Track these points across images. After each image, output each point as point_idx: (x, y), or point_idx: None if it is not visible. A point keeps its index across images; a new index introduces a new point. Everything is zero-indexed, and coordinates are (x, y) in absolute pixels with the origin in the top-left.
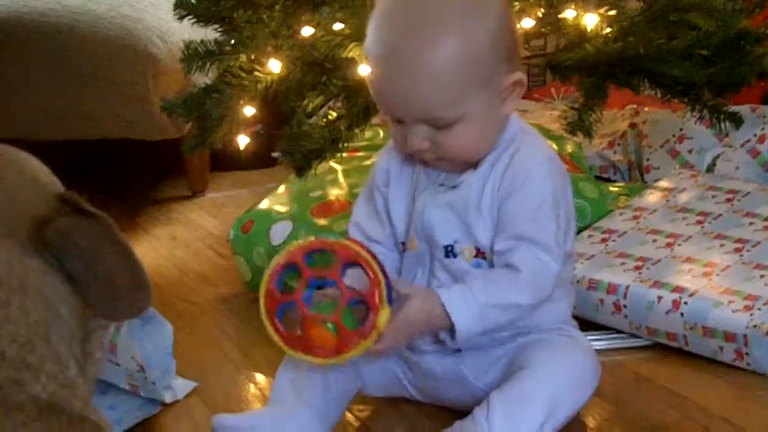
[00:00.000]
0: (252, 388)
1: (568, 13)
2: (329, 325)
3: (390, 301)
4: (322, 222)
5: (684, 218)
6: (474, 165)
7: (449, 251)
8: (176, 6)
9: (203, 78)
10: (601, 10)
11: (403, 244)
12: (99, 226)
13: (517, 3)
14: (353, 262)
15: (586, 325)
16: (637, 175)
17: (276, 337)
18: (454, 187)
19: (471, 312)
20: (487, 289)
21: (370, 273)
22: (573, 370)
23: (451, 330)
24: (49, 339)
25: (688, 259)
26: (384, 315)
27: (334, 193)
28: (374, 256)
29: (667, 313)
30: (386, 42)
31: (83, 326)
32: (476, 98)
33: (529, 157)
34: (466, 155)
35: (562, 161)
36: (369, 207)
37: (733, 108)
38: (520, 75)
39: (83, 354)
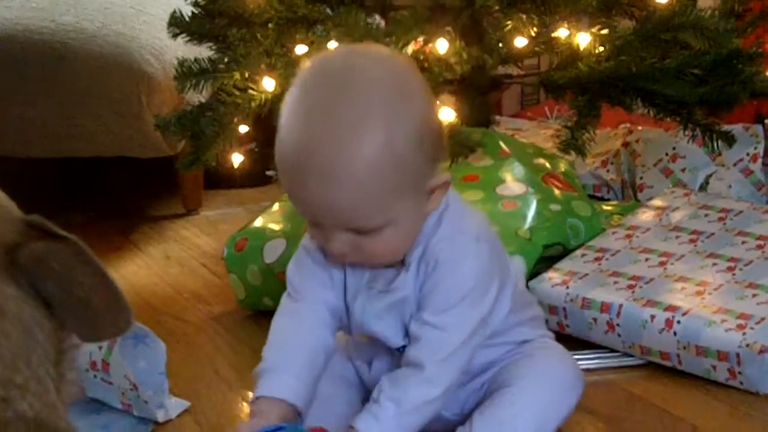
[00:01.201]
0: (245, 407)
1: (561, 32)
2: None
3: None
4: None
5: (677, 237)
6: (401, 262)
7: (401, 350)
8: (170, 24)
9: (197, 96)
10: (594, 29)
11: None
12: (71, 249)
13: (509, 22)
14: None
15: (579, 343)
16: (630, 193)
17: None
18: (386, 291)
19: (387, 427)
20: (397, 398)
21: None
22: (556, 383)
23: None
24: (30, 362)
25: (681, 278)
26: None
27: None
28: None
29: (660, 332)
30: (301, 142)
31: (57, 348)
32: (402, 204)
33: (455, 248)
34: (391, 257)
35: (553, 179)
36: (312, 267)
37: (726, 127)
38: (447, 177)
39: (58, 377)
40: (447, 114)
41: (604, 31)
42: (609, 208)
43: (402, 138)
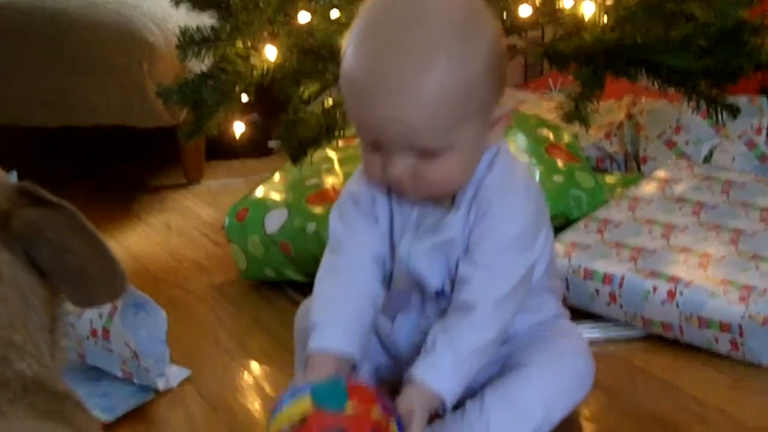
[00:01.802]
0: (246, 376)
1: (566, 3)
2: None
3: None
4: (317, 210)
5: (680, 209)
6: (451, 201)
7: (439, 293)
8: None
9: (199, 65)
10: (599, 0)
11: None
12: (63, 215)
13: None
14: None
15: (581, 314)
16: (634, 165)
17: None
18: (434, 230)
19: (446, 375)
20: (452, 344)
21: None
22: (567, 372)
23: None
24: (27, 325)
25: (684, 250)
26: None
27: (330, 181)
28: (380, 400)
29: (662, 303)
30: (373, 62)
31: (51, 315)
32: (467, 128)
33: (509, 192)
34: (447, 188)
35: (556, 150)
36: (354, 228)
37: (730, 99)
38: (510, 107)
39: (52, 343)
40: None
41: (609, 2)
42: (612, 180)
43: (473, 61)
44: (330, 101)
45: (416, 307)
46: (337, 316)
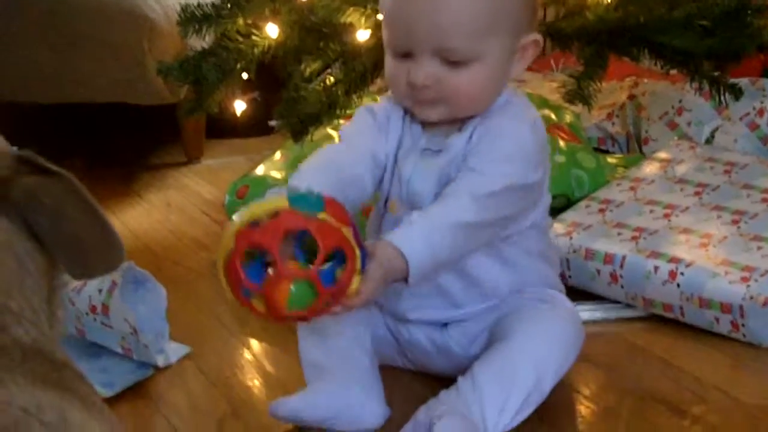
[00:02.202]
0: (246, 353)
1: None
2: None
3: (363, 267)
4: None
5: (682, 189)
6: (459, 126)
7: None
8: None
9: (200, 42)
10: None
11: (385, 203)
12: (62, 184)
13: None
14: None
15: (582, 294)
16: (636, 146)
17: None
18: (438, 151)
19: (416, 239)
20: (429, 213)
21: (349, 264)
22: (555, 338)
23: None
24: (24, 292)
25: (686, 230)
26: (356, 282)
27: None
28: (352, 225)
29: (663, 283)
30: None
31: (48, 285)
32: (497, 42)
33: (510, 115)
34: (466, 102)
35: (558, 130)
36: (371, 124)
37: (733, 80)
38: (538, 36)
39: (50, 312)
40: None
41: None
42: (614, 160)
43: None
44: (331, 79)
45: None
46: (320, 171)
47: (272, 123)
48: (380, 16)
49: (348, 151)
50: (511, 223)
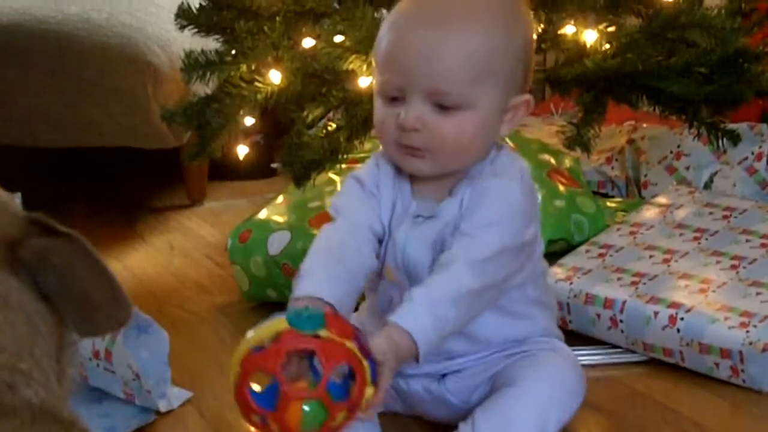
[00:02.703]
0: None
1: (568, 29)
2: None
3: (374, 377)
4: None
5: (681, 234)
6: (449, 190)
7: None
8: (177, 16)
9: (203, 87)
10: (601, 27)
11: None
12: (72, 245)
13: None
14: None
15: (582, 339)
16: (635, 190)
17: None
18: (430, 217)
19: (421, 318)
20: (429, 288)
21: (358, 378)
22: (558, 385)
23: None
24: (33, 352)
25: (685, 275)
26: (369, 392)
27: None
28: (357, 338)
29: (663, 328)
30: (425, 6)
31: (58, 343)
32: (490, 94)
33: (502, 178)
34: (453, 152)
35: (558, 175)
36: (361, 194)
37: (731, 125)
38: (530, 97)
39: (59, 370)
40: None
41: (611, 29)
42: (613, 204)
43: (513, 37)
44: (333, 125)
45: (404, 295)
46: (325, 267)
47: (274, 165)
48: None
49: (345, 231)
50: (510, 280)
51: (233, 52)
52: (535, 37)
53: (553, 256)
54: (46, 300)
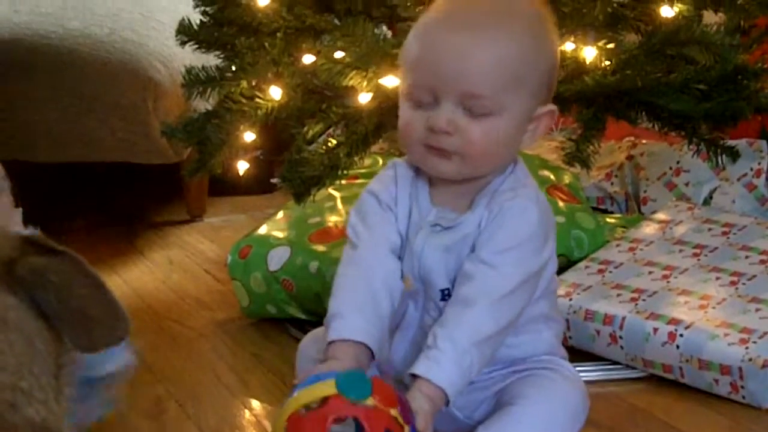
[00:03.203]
0: (246, 413)
1: (567, 46)
2: None
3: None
4: (320, 248)
5: (680, 251)
6: (468, 204)
7: (445, 294)
8: (178, 32)
9: (204, 103)
10: (600, 44)
11: None
12: (68, 262)
13: None
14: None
15: (582, 355)
16: (634, 206)
17: None
18: (449, 228)
19: (447, 369)
20: (451, 338)
21: None
22: (561, 405)
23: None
24: (33, 371)
25: (684, 292)
26: None
27: (333, 219)
28: (400, 404)
29: (663, 345)
30: (461, 11)
31: (56, 362)
32: (519, 100)
33: (520, 197)
34: (479, 157)
35: (557, 191)
36: (373, 224)
37: (730, 142)
38: (554, 107)
39: (57, 390)
40: None
41: (610, 46)
42: (613, 220)
43: (542, 50)
44: (333, 141)
45: (414, 322)
46: (357, 306)
47: (274, 180)
48: (400, 66)
49: (370, 262)
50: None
51: (234, 68)
52: (559, 55)
53: None
54: (43, 318)
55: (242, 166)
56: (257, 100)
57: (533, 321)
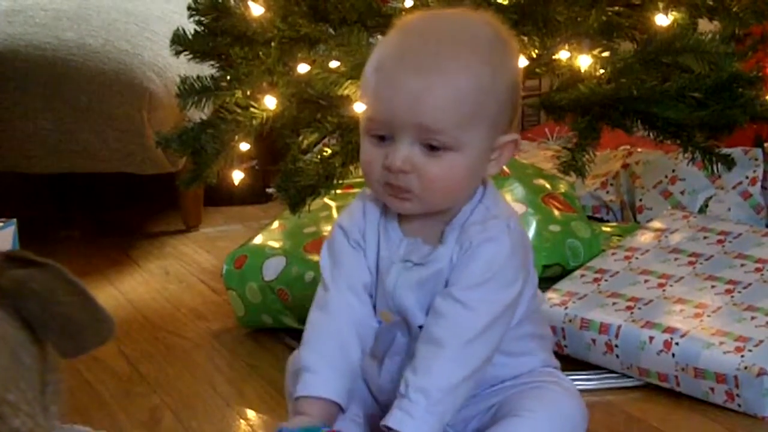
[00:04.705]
0: (242, 424)
1: (562, 54)
2: None
3: None
4: (315, 258)
5: (676, 259)
6: (439, 237)
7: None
8: (173, 42)
9: (199, 113)
10: (595, 52)
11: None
12: (51, 272)
13: None
14: None
15: (578, 364)
16: (630, 215)
17: None
18: (420, 264)
19: (421, 421)
20: (423, 388)
21: None
22: (561, 417)
23: None
24: (19, 384)
25: (680, 300)
26: None
27: (328, 229)
28: None
29: (658, 353)
30: (416, 44)
31: (42, 378)
32: (479, 134)
33: (489, 230)
34: (440, 194)
35: (553, 200)
36: (342, 261)
37: (726, 150)
38: (517, 136)
39: (43, 405)
40: None
41: (605, 54)
42: (608, 229)
43: (500, 76)
44: (328, 150)
45: (402, 349)
46: (327, 360)
47: (270, 190)
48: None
49: (339, 301)
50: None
51: (228, 78)
52: (520, 76)
53: (548, 281)
54: (28, 330)
55: (237, 176)
56: (252, 109)
57: (521, 341)
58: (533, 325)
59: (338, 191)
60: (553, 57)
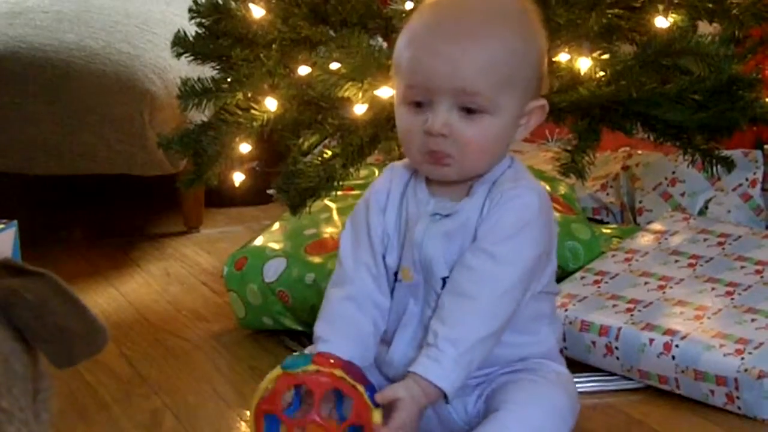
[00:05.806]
0: (243, 426)
1: (562, 57)
2: None
3: (374, 403)
4: (316, 260)
5: (676, 261)
6: (467, 191)
7: (446, 282)
8: (174, 43)
9: (200, 115)
10: (595, 54)
11: (395, 273)
12: (43, 281)
13: None
14: (332, 389)
15: (578, 366)
16: (630, 217)
17: None
18: (448, 215)
19: (448, 369)
20: (452, 337)
21: (355, 400)
22: (550, 410)
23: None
24: (12, 391)
25: (680, 302)
26: (376, 416)
27: (329, 231)
28: (347, 368)
29: (658, 355)
30: (451, 14)
31: (34, 386)
32: (512, 97)
33: (521, 187)
34: (475, 157)
35: (552, 202)
36: (360, 234)
37: (725, 152)
38: (545, 101)
39: (35, 414)
40: None
41: (605, 56)
42: (608, 231)
43: (531, 44)
44: (329, 152)
45: (414, 319)
46: (338, 330)
47: (270, 192)
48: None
49: (354, 280)
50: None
51: (229, 79)
52: (546, 46)
53: None
54: (20, 340)
55: (238, 178)
56: (253, 111)
57: (537, 320)
58: (550, 306)
59: (339, 193)
60: (553, 59)
